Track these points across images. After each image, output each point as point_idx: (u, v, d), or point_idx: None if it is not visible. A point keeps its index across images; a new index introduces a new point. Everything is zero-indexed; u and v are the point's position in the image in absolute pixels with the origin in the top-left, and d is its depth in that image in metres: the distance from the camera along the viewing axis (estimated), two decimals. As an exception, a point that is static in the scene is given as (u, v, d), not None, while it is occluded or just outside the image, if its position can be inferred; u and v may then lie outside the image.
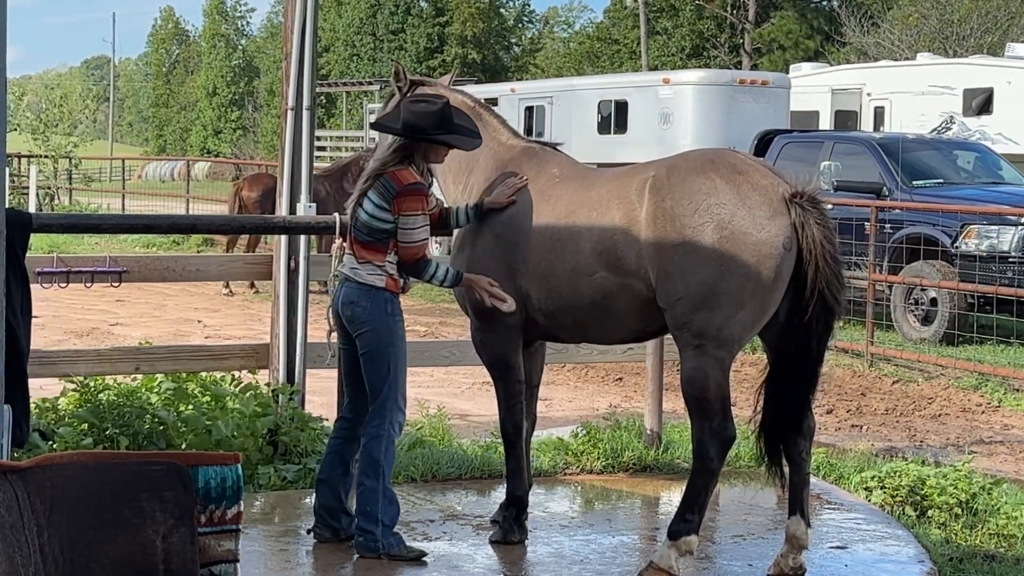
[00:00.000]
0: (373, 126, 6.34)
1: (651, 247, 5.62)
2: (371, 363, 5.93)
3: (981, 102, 22.06)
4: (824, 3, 55.94)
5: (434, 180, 6.67)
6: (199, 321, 15.84)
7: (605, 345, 7.02)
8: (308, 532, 6.29)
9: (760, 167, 5.75)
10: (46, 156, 35.33)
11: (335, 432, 6.30)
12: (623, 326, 5.99)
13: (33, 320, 6.23)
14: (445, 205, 6.60)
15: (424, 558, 5.96)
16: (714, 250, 5.48)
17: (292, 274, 7.83)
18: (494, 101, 23.73)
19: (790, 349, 5.78)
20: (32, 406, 6.99)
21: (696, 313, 5.53)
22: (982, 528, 6.99)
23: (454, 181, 6.52)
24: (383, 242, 5.88)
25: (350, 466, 6.16)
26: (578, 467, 7.92)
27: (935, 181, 15.99)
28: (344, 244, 6.26)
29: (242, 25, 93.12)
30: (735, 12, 54.40)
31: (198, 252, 22.10)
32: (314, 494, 6.29)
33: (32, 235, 6.33)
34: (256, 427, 7.48)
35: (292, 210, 7.84)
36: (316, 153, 13.24)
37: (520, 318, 6.15)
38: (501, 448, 6.82)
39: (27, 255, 6.25)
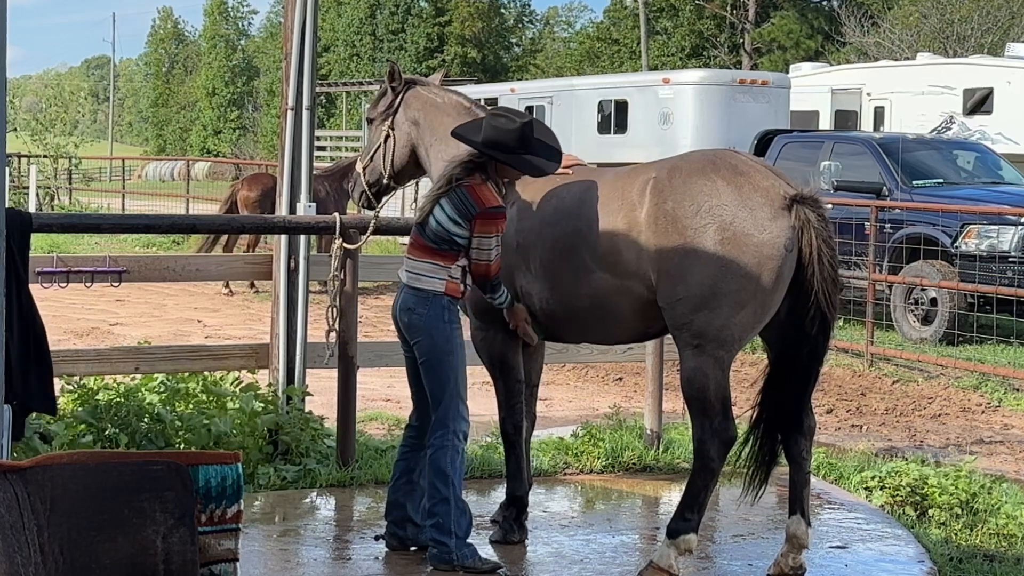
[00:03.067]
0: (453, 134, 6.04)
1: (652, 248, 5.62)
2: (430, 372, 5.80)
3: (981, 102, 22.06)
4: (824, 3, 55.96)
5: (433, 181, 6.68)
6: (199, 321, 15.84)
7: (605, 345, 7.01)
8: (376, 539, 6.19)
9: (761, 168, 5.75)
10: (46, 156, 35.32)
11: (403, 440, 6.18)
12: (624, 327, 5.99)
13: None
14: None
15: (500, 570, 5.81)
16: (715, 251, 5.48)
17: (292, 274, 7.83)
18: (494, 101, 23.73)
19: (790, 349, 5.79)
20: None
21: (697, 313, 5.53)
22: (982, 528, 6.99)
23: (453, 181, 6.52)
24: (453, 251, 5.75)
25: (416, 475, 6.02)
26: (578, 467, 7.92)
27: (935, 181, 15.99)
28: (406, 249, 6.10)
29: (243, 25, 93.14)
30: (735, 12, 54.41)
31: (198, 252, 22.08)
32: (385, 503, 6.15)
33: (32, 235, 6.34)
34: (256, 425, 7.48)
35: (292, 210, 7.84)
36: (316, 153, 13.24)
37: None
38: (501, 448, 6.81)
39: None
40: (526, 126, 5.78)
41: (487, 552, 6.06)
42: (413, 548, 6.04)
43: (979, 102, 22.05)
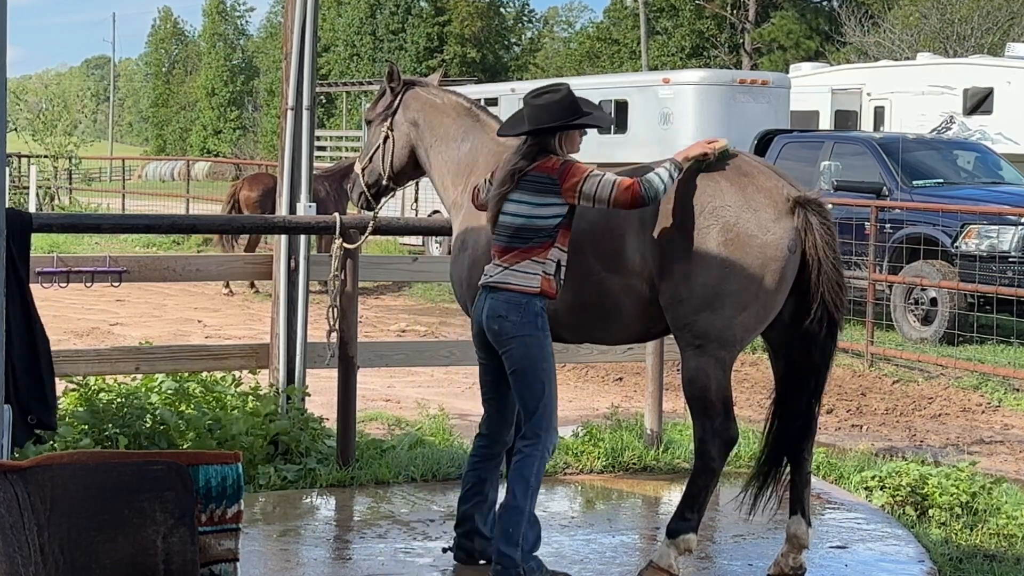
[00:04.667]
0: (500, 134, 5.89)
1: (655, 248, 5.61)
2: (522, 382, 5.53)
3: (981, 102, 22.06)
4: (824, 3, 55.95)
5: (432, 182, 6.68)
6: (199, 321, 15.84)
7: (606, 345, 7.00)
8: (444, 551, 6.05)
9: (765, 169, 5.74)
10: (46, 156, 35.33)
11: (473, 451, 5.96)
12: (626, 327, 5.98)
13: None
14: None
15: None
16: (718, 252, 5.47)
17: (292, 274, 7.83)
18: (494, 101, 23.72)
19: (798, 354, 5.77)
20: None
21: (699, 314, 5.52)
22: (982, 528, 6.99)
23: (453, 183, 6.51)
24: (544, 240, 5.47)
25: (487, 486, 5.86)
26: (578, 467, 7.92)
27: (935, 181, 15.99)
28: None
29: (242, 25, 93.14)
30: (735, 12, 54.40)
31: (198, 252, 22.10)
32: (459, 514, 5.94)
33: (32, 235, 6.34)
34: (256, 425, 7.48)
35: (292, 210, 7.84)
36: (316, 153, 13.24)
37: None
38: (501, 448, 6.81)
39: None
40: (569, 92, 5.64)
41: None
42: (482, 561, 5.86)
43: (979, 102, 22.05)
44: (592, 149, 21.72)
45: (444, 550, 6.05)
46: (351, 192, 6.91)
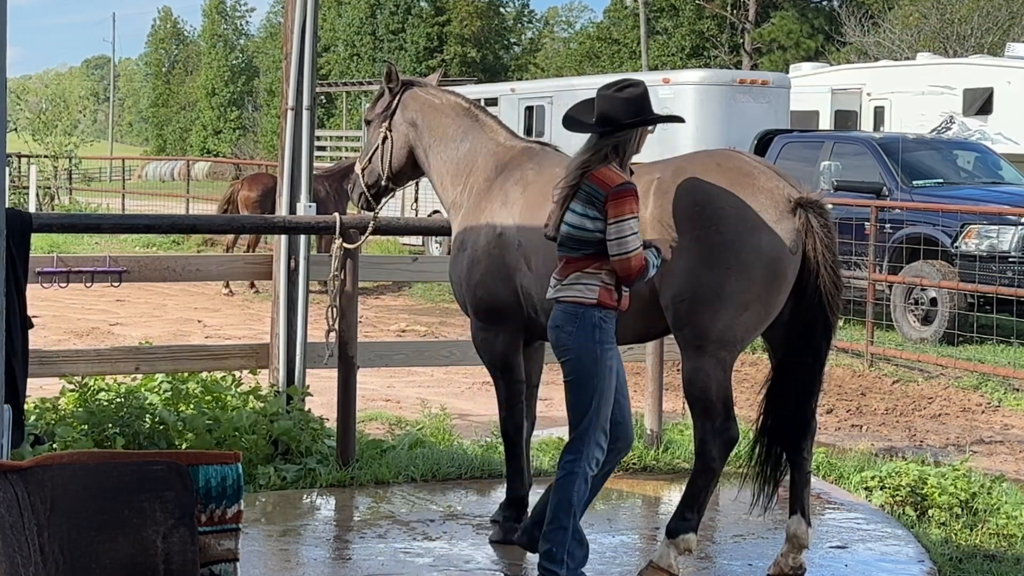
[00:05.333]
0: (571, 127, 5.61)
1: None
2: (573, 393, 5.39)
3: (981, 102, 22.06)
4: (824, 3, 55.95)
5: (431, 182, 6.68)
6: (199, 321, 15.84)
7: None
8: (503, 530, 6.02)
9: (766, 170, 5.74)
10: (46, 156, 35.33)
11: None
12: (626, 327, 5.97)
13: (33, 320, 6.24)
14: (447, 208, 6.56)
15: None
16: (720, 252, 5.46)
17: (292, 274, 7.83)
18: (494, 101, 23.71)
19: (793, 353, 5.78)
20: (31, 406, 7.02)
21: (700, 314, 5.51)
22: (982, 528, 6.99)
23: (452, 183, 6.51)
24: (597, 252, 5.29)
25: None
26: (578, 467, 7.91)
27: (935, 181, 15.99)
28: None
29: (242, 25, 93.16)
30: (735, 12, 54.40)
31: (198, 252, 22.10)
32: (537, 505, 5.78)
33: (32, 235, 6.34)
34: (256, 425, 7.48)
35: (292, 210, 7.84)
36: (316, 153, 13.24)
37: (522, 319, 6.15)
38: (501, 448, 6.82)
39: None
40: (643, 85, 5.52)
41: (486, 552, 6.03)
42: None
43: (979, 102, 22.05)
44: (592, 149, 21.72)
45: (503, 529, 6.09)
46: (351, 192, 6.92)
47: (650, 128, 5.58)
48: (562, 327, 5.35)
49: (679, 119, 6.01)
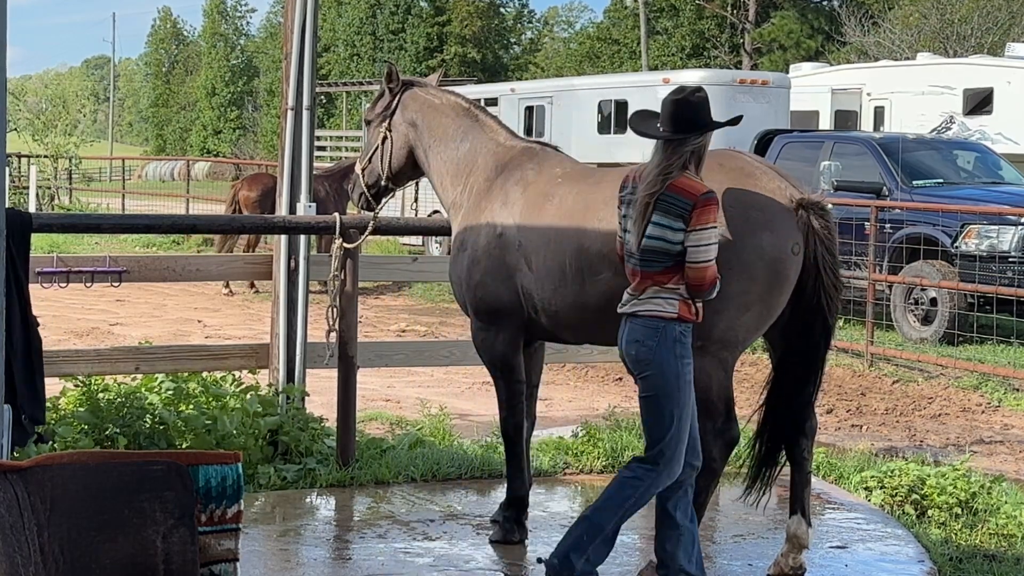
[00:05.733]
0: (646, 134, 5.32)
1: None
2: (651, 410, 5.25)
3: (981, 102, 22.06)
4: (824, 3, 55.96)
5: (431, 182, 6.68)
6: (199, 321, 15.84)
7: (608, 346, 7.00)
8: (539, 561, 5.78)
9: (768, 170, 5.73)
10: (46, 156, 35.34)
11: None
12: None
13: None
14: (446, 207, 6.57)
15: None
16: (721, 253, 5.46)
17: (292, 274, 7.83)
18: (494, 101, 23.72)
19: (792, 353, 5.78)
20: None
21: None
22: (982, 528, 6.99)
23: (452, 183, 6.51)
24: (676, 265, 5.16)
25: (679, 515, 5.38)
26: (578, 467, 7.92)
27: (935, 181, 15.99)
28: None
29: (242, 25, 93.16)
30: (735, 12, 54.41)
31: (198, 252, 22.10)
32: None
33: (32, 235, 6.34)
34: (258, 426, 7.48)
35: (292, 210, 7.84)
36: (316, 153, 13.24)
37: (522, 319, 6.15)
38: (501, 448, 6.82)
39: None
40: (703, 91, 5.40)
41: (486, 552, 6.02)
42: None
43: (979, 102, 22.05)
44: (592, 149, 21.77)
45: (539, 560, 5.76)
46: (351, 192, 6.93)
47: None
48: (642, 342, 5.20)
49: (738, 120, 5.92)
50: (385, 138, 6.64)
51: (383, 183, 6.73)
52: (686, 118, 5.20)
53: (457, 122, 6.52)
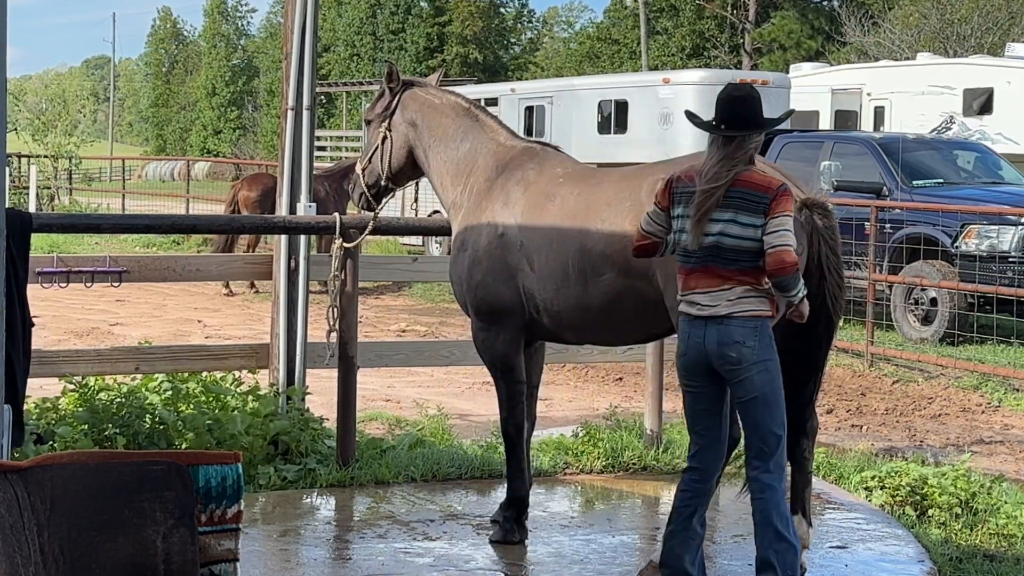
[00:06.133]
0: (725, 131, 5.22)
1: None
2: (766, 407, 5.15)
3: (981, 102, 22.05)
4: (824, 3, 55.95)
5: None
6: (199, 321, 15.84)
7: (608, 346, 7.00)
8: None
9: (770, 170, 5.73)
10: (46, 156, 35.32)
11: (684, 485, 5.41)
12: (628, 328, 5.97)
13: (33, 320, 6.24)
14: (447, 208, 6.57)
15: None
16: (724, 253, 5.45)
17: (292, 274, 7.83)
18: (494, 101, 23.71)
19: (794, 353, 5.77)
20: (32, 406, 7.02)
21: (703, 315, 5.50)
22: (982, 528, 6.99)
23: (452, 183, 6.51)
24: (757, 263, 5.09)
25: (696, 522, 5.38)
26: (578, 467, 7.92)
27: (935, 181, 15.99)
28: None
29: (242, 25, 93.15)
30: (735, 12, 54.40)
31: (198, 252, 22.10)
32: (664, 551, 5.44)
33: (32, 235, 6.34)
34: (256, 425, 7.48)
35: (292, 210, 7.84)
36: (316, 153, 13.24)
37: (523, 319, 6.15)
38: (501, 448, 6.82)
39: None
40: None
41: (487, 552, 6.03)
42: None
43: (979, 102, 22.05)
44: (593, 149, 21.77)
45: None
46: (352, 192, 6.93)
47: None
48: (743, 342, 5.09)
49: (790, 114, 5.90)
50: (385, 138, 6.64)
51: (382, 183, 6.73)
52: (748, 115, 5.19)
53: (457, 122, 6.52)
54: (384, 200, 6.88)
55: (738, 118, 5.17)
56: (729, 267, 5.09)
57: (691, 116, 5.56)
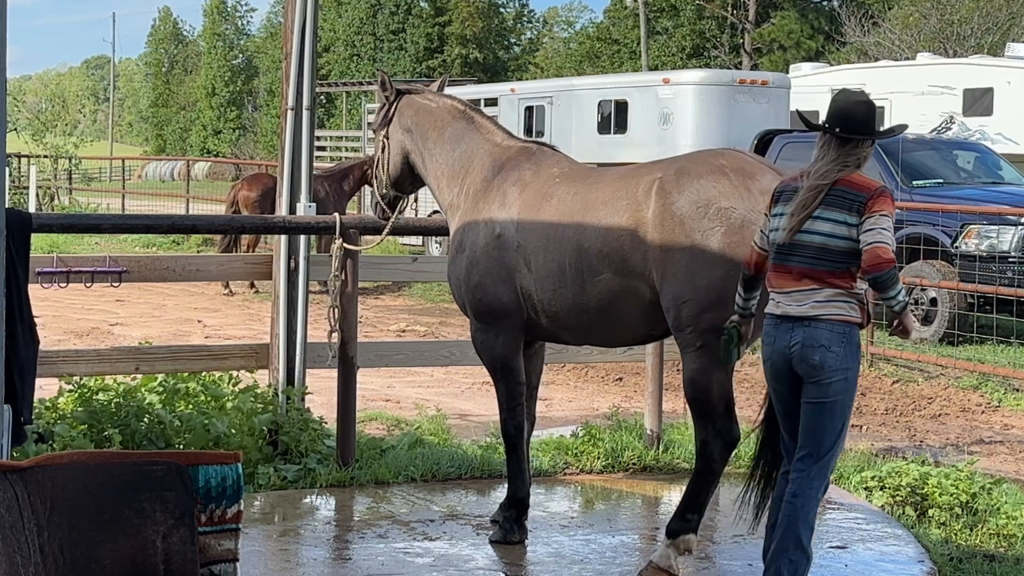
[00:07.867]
0: (843, 134, 5.09)
1: (658, 249, 5.60)
2: (826, 415, 5.10)
3: (981, 102, 22.05)
4: (825, 3, 55.94)
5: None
6: (199, 321, 15.84)
7: (607, 346, 7.00)
8: None
9: (769, 170, 5.73)
10: (46, 156, 35.33)
11: (779, 492, 5.31)
12: (626, 329, 5.97)
13: (34, 320, 6.24)
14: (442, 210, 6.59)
15: None
16: (723, 253, 5.46)
17: (292, 274, 7.83)
18: (494, 101, 23.72)
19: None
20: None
21: (702, 315, 5.51)
22: (982, 528, 6.99)
23: (448, 184, 6.52)
24: (850, 266, 4.98)
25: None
26: (578, 467, 7.92)
27: (935, 181, 15.99)
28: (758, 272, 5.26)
29: (242, 25, 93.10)
30: (735, 12, 54.39)
31: (198, 252, 22.09)
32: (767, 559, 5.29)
33: (32, 235, 6.34)
34: (254, 424, 7.48)
35: (292, 210, 7.84)
36: (316, 153, 13.24)
37: (521, 320, 6.15)
38: (501, 448, 6.82)
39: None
40: None
41: (486, 552, 6.04)
42: None
43: (980, 102, 22.04)
44: (592, 149, 21.74)
45: None
46: (370, 202, 7.01)
47: None
48: (828, 347, 4.98)
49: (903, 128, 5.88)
50: (384, 146, 6.66)
51: (384, 191, 6.76)
52: (864, 120, 5.12)
53: (453, 124, 6.53)
54: (398, 207, 6.89)
55: (856, 122, 5.09)
56: (818, 267, 5.00)
57: (802, 116, 5.54)
